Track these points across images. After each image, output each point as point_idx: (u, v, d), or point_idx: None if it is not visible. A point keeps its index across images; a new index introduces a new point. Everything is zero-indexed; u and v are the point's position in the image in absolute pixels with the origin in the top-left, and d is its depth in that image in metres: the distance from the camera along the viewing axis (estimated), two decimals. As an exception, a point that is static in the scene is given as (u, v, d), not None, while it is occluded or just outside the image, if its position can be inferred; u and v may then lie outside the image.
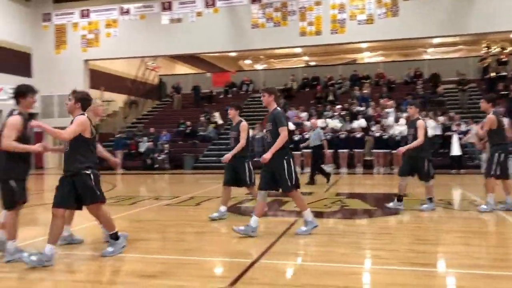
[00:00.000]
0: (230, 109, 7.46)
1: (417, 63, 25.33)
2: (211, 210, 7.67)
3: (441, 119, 17.69)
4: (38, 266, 4.55)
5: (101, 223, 5.29)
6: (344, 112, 19.53)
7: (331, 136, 17.37)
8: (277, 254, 5.14)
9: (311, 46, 23.72)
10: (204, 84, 26.18)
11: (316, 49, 26.98)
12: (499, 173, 7.44)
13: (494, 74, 21.73)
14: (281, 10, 19.89)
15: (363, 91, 21.72)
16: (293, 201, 6.36)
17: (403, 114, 17.28)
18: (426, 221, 7.06)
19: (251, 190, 7.37)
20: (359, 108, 19.80)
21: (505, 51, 24.23)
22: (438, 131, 16.79)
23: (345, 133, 17.55)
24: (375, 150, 16.81)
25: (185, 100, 25.71)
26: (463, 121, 17.12)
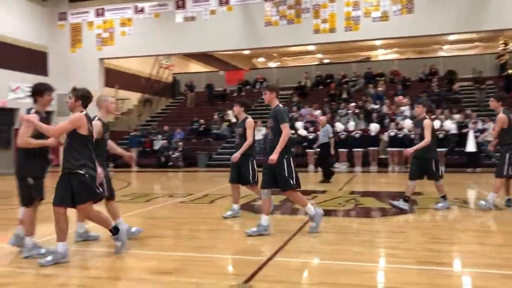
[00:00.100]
0: (235, 106, 7.40)
1: (432, 60, 25.07)
2: (225, 208, 7.70)
3: (457, 117, 17.48)
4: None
5: (96, 223, 5.12)
6: (358, 110, 19.41)
7: (345, 135, 17.32)
8: (291, 252, 5.14)
9: (325, 44, 23.58)
10: (218, 82, 26.26)
11: (330, 46, 26.84)
12: (511, 173, 7.30)
13: (511, 71, 21.42)
14: (294, 7, 19.82)
15: (378, 88, 21.57)
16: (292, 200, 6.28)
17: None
18: (441, 220, 7.00)
19: (253, 189, 7.32)
20: (373, 106, 19.66)
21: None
22: (454, 129, 16.61)
23: (360, 132, 17.46)
24: (389, 149, 16.70)
25: (199, 98, 25.81)
26: (480, 119, 16.89)
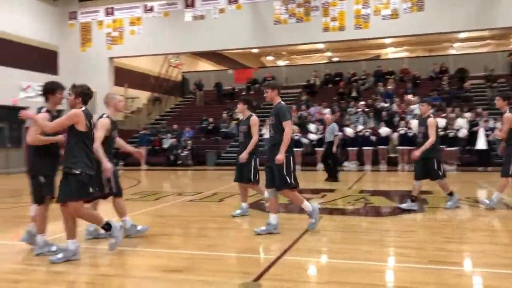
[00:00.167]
0: (239, 104, 7.32)
1: (442, 58, 24.87)
2: (233, 206, 7.70)
3: (468, 115, 17.33)
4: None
5: (87, 221, 5.10)
6: (367, 109, 19.32)
7: (355, 134, 17.28)
8: (300, 250, 5.14)
9: (334, 42, 23.51)
10: (226, 81, 26.29)
11: (339, 44, 26.75)
12: None
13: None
14: (304, 5, 19.76)
15: (387, 87, 21.45)
16: (288, 200, 6.22)
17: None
18: (451, 219, 6.94)
19: (254, 187, 7.26)
20: (383, 105, 19.55)
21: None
22: (466, 128, 16.47)
23: (369, 130, 17.38)
24: (399, 147, 16.60)
25: (208, 97, 25.86)
26: (491, 117, 16.72)
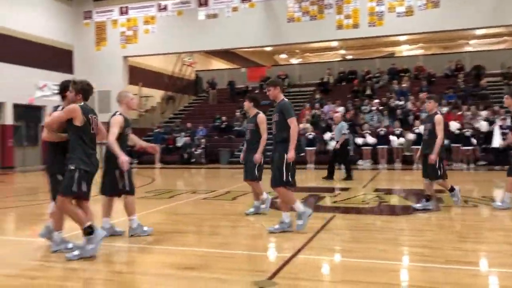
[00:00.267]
0: (245, 101, 7.25)
1: (458, 55, 24.51)
2: (247, 204, 7.70)
3: (484, 113, 17.10)
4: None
5: (71, 218, 4.95)
6: (382, 107, 19.17)
7: (370, 133, 17.19)
8: (314, 249, 5.11)
9: (348, 40, 23.35)
10: (239, 79, 26.30)
11: (353, 42, 26.56)
12: None
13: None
14: (317, 3, 19.66)
15: (402, 85, 21.25)
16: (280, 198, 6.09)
17: (442, 108, 16.80)
18: (467, 218, 6.86)
19: (255, 186, 7.18)
20: (397, 103, 19.39)
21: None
22: (484, 127, 16.27)
23: (384, 129, 17.25)
24: (414, 146, 16.43)
25: (221, 95, 25.91)
26: (509, 115, 16.46)
